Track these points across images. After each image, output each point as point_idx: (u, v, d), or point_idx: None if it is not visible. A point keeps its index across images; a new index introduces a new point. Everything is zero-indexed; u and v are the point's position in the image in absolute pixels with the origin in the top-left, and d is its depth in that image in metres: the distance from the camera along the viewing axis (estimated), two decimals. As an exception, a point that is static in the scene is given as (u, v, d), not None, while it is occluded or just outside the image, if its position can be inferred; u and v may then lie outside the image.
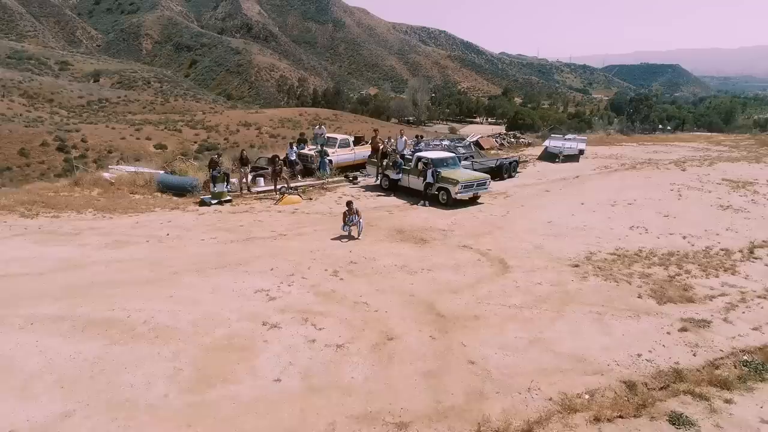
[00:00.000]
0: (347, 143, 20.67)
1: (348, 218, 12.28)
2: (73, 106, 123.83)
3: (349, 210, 12.29)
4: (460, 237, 12.73)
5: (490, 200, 16.88)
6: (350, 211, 12.27)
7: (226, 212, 14.29)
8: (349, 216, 12.28)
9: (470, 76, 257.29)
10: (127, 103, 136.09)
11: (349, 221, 12.29)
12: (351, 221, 12.29)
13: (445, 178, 15.85)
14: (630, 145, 34.86)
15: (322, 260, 10.74)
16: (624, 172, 23.47)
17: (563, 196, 17.89)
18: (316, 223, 13.61)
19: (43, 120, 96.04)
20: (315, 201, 16.00)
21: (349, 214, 12.29)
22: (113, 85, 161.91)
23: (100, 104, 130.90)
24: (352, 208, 12.29)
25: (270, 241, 11.97)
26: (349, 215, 12.28)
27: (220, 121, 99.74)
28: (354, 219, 12.29)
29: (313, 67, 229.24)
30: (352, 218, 12.28)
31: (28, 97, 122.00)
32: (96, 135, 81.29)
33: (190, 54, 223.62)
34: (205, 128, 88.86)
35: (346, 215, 12.30)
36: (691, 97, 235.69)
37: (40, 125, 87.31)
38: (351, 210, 12.27)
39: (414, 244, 12.04)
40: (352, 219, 12.28)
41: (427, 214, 14.94)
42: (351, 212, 12.28)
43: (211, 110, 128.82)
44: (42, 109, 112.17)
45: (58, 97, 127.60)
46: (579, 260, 11.31)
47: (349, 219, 12.28)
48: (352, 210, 12.28)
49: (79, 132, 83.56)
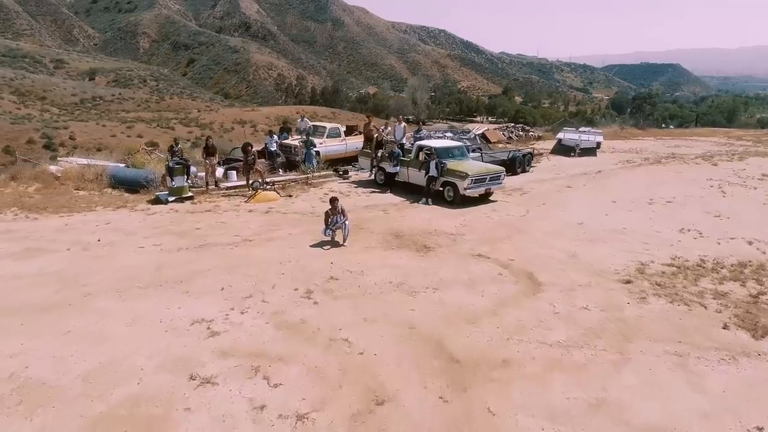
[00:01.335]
0: (337, 133, 18.06)
1: (331, 219, 9.70)
2: (66, 104, 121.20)
3: (332, 209, 9.70)
4: (472, 243, 10.12)
5: (504, 197, 14.28)
6: (334, 210, 9.69)
7: (184, 212, 11.67)
8: (333, 216, 9.70)
9: (470, 76, 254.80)
10: (122, 101, 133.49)
11: (332, 223, 9.70)
12: (334, 223, 9.70)
13: (451, 171, 13.24)
14: (647, 140, 32.36)
15: (294, 275, 8.13)
16: (649, 166, 20.93)
17: (589, 193, 15.30)
18: (292, 225, 10.99)
19: (32, 117, 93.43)
20: (295, 198, 13.37)
21: (332, 213, 9.71)
22: (109, 83, 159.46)
23: (93, 102, 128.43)
24: (336, 206, 9.70)
25: (230, 248, 9.34)
26: (333, 215, 9.70)
27: (215, 118, 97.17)
28: (338, 220, 9.71)
29: (311, 65, 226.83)
30: (336, 219, 9.70)
31: (20, 94, 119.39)
32: (85, 132, 78.75)
33: (187, 53, 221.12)
34: (198, 126, 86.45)
35: (329, 215, 9.72)
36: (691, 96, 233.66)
37: (27, 122, 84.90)
38: (335, 209, 9.70)
39: (415, 253, 9.42)
40: (336, 220, 9.70)
41: (430, 214, 12.33)
42: (335, 211, 9.70)
43: (207, 108, 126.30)
44: (33, 106, 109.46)
45: (51, 95, 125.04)
46: (629, 274, 8.70)
47: (333, 220, 9.69)
48: (337, 209, 9.70)
49: (67, 129, 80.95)
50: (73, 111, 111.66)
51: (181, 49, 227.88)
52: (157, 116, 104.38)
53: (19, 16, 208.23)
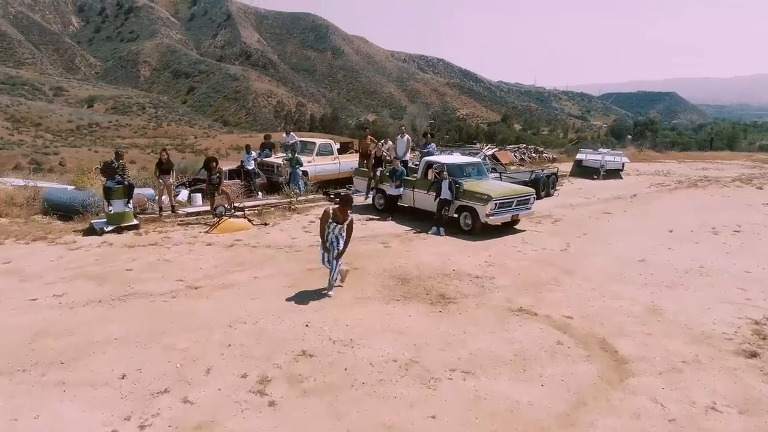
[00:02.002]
0: (329, 150, 15.37)
1: (328, 231, 6.77)
2: (61, 131, 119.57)
3: (339, 211, 6.74)
4: (507, 290, 7.29)
5: (532, 225, 11.50)
6: (341, 214, 6.71)
7: (120, 246, 8.85)
8: (333, 225, 6.75)
9: (469, 103, 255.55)
10: (118, 127, 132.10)
11: (328, 241, 6.79)
12: (332, 243, 6.78)
13: (469, 192, 10.49)
14: (669, 162, 29.85)
15: (246, 348, 5.27)
16: (687, 190, 18.24)
17: (634, 220, 12.53)
18: (261, 263, 8.17)
19: (23, 143, 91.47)
20: (271, 227, 10.56)
21: (333, 219, 6.75)
22: (107, 110, 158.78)
23: (89, 129, 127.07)
24: (345, 211, 6.71)
25: (162, 301, 6.49)
26: (334, 220, 6.74)
27: (211, 144, 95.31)
28: (338, 238, 6.78)
29: (311, 93, 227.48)
30: (335, 235, 6.76)
31: (14, 120, 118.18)
32: (76, 158, 76.55)
33: (188, 81, 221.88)
34: (194, 152, 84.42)
35: (329, 220, 6.74)
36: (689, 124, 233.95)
37: (17, 148, 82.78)
38: (343, 213, 6.71)
39: (429, 307, 6.57)
40: (335, 238, 6.76)
41: (444, 247, 9.53)
42: (342, 216, 6.72)
43: (204, 135, 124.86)
44: (26, 132, 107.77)
45: (46, 121, 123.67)
46: (746, 339, 5.86)
47: (329, 238, 6.79)
48: (345, 215, 6.71)
49: (58, 155, 78.84)
50: (67, 137, 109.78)
51: (181, 77, 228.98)
52: (152, 142, 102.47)
53: (21, 45, 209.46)
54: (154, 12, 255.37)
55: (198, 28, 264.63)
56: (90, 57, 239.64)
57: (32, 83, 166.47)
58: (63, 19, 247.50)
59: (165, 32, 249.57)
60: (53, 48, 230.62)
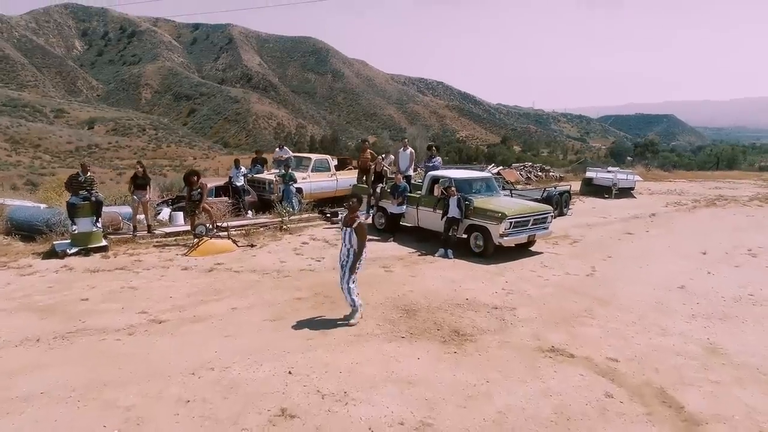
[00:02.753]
0: (326, 166, 14.32)
1: (345, 235, 5.78)
2: (60, 152, 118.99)
3: (350, 210, 5.88)
4: (532, 323, 6.12)
5: (549, 247, 10.37)
6: (351, 213, 5.83)
7: (82, 270, 7.70)
8: (345, 230, 5.77)
9: (468, 125, 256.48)
10: (118, 149, 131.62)
11: (341, 253, 5.81)
12: (342, 256, 5.80)
13: (481, 210, 9.38)
14: (679, 181, 28.85)
15: (207, 406, 4.09)
16: (707, 209, 17.15)
17: (660, 241, 11.39)
18: (242, 291, 7.00)
19: (20, 164, 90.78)
20: (259, 249, 9.42)
21: (343, 223, 5.84)
22: (107, 132, 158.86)
23: (89, 150, 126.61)
24: (355, 210, 5.88)
25: (116, 339, 5.33)
26: (343, 225, 5.81)
27: (209, 165, 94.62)
28: (349, 240, 5.75)
29: (311, 116, 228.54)
30: (349, 240, 5.74)
31: (13, 142, 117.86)
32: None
33: (189, 103, 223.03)
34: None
35: (347, 222, 5.80)
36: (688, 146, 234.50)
37: (13, 169, 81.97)
38: (352, 213, 5.83)
39: (441, 346, 5.40)
40: (349, 240, 5.74)
41: (453, 272, 8.38)
42: (351, 217, 5.79)
43: (204, 156, 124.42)
44: (24, 154, 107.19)
45: (45, 143, 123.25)
46: (843, 391, 4.67)
47: (343, 247, 5.78)
48: (354, 214, 5.80)
49: (54, 176, 78.02)
50: (66, 158, 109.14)
51: (182, 99, 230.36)
52: (151, 163, 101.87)
53: (24, 68, 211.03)
54: (156, 36, 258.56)
55: (200, 52, 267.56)
56: (92, 80, 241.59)
57: (33, 105, 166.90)
58: (66, 42, 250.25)
59: (167, 55, 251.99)
60: (56, 71, 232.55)
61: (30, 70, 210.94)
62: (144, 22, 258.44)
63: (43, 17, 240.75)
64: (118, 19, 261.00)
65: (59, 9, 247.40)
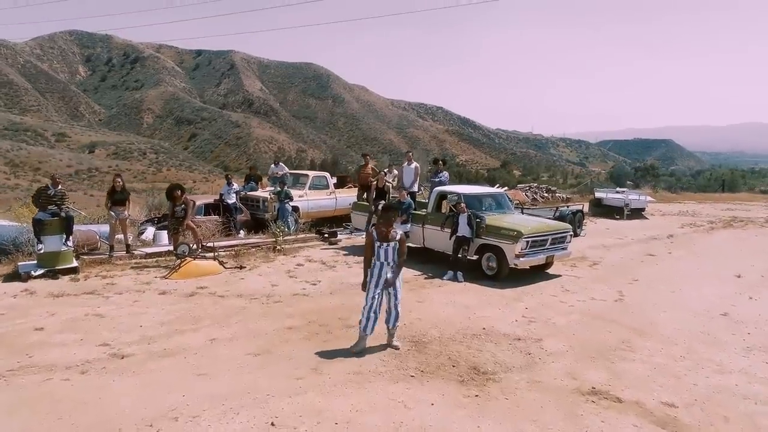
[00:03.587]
0: (324, 183, 13.52)
1: (376, 262, 5.01)
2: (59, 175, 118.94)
3: (384, 223, 5.06)
4: (564, 358, 5.19)
5: (567, 269, 9.47)
6: (386, 226, 5.04)
7: (45, 295, 6.79)
8: (382, 246, 4.96)
9: (468, 150, 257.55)
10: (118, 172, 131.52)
11: (381, 271, 5.01)
12: (382, 273, 5.00)
13: (494, 228, 8.51)
14: (689, 203, 28.07)
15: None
16: (725, 230, 16.29)
17: (686, 264, 10.49)
18: (225, 320, 6.08)
19: (18, 187, 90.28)
20: (248, 272, 8.51)
21: (378, 238, 4.98)
22: (108, 155, 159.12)
23: (89, 173, 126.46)
24: (392, 222, 5.08)
25: (64, 380, 4.40)
26: (379, 240, 4.97)
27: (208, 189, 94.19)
28: (387, 255, 4.98)
29: (312, 140, 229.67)
30: (385, 252, 4.97)
31: (13, 165, 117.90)
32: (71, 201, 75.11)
33: (190, 127, 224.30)
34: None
35: (375, 241, 5.00)
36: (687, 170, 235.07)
37: (11, 191, 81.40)
38: (390, 223, 5.03)
39: (459, 387, 4.46)
40: (384, 255, 4.98)
41: (465, 297, 7.46)
42: (386, 230, 5.00)
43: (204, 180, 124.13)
44: (24, 177, 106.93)
45: (45, 166, 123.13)
46: None
47: (384, 265, 5.00)
48: (390, 225, 5.03)
49: (51, 199, 77.35)
50: (65, 182, 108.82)
51: (184, 124, 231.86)
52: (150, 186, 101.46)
53: (27, 93, 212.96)
54: (159, 62, 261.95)
55: (202, 77, 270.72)
56: (95, 104, 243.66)
57: (35, 129, 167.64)
58: (70, 68, 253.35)
59: (169, 81, 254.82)
60: (59, 96, 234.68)
61: (33, 94, 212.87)
62: (147, 48, 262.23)
63: (48, 43, 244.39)
64: (122, 45, 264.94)
65: (64, 35, 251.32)
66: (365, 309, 5.01)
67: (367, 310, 5.00)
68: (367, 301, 5.01)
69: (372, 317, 5.01)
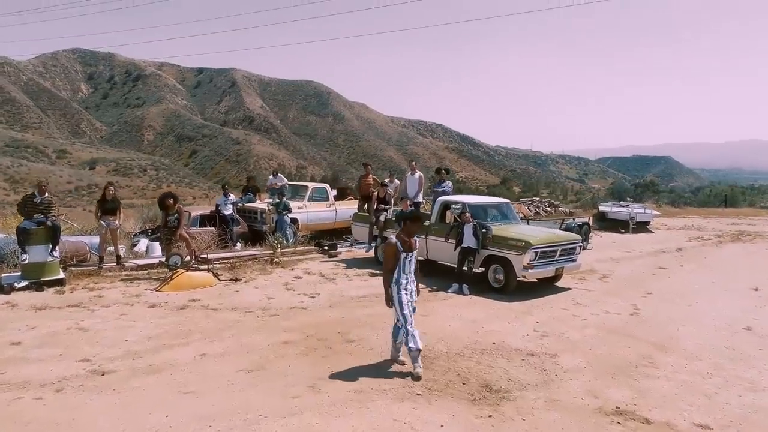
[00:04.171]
0: (324, 195, 13.22)
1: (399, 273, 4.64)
2: (59, 192, 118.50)
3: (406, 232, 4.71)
4: (583, 375, 4.80)
5: (576, 282, 9.10)
6: (408, 235, 4.68)
7: (27, 308, 6.41)
8: (406, 256, 4.65)
9: (468, 167, 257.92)
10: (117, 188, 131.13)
11: (405, 281, 4.66)
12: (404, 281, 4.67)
13: (501, 238, 8.17)
14: (693, 217, 27.74)
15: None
16: (734, 244, 15.96)
17: (700, 277, 10.13)
18: (217, 333, 5.70)
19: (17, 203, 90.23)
20: (244, 284, 8.14)
21: (403, 248, 4.64)
22: (108, 172, 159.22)
23: (88, 189, 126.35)
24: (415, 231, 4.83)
25: (36, 399, 4.01)
26: (404, 251, 4.63)
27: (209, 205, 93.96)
28: (413, 264, 4.73)
29: (312, 157, 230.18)
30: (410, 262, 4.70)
31: (13, 182, 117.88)
32: (68, 217, 74.87)
33: (191, 144, 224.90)
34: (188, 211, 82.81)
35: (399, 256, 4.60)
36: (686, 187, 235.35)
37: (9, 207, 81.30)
38: (412, 232, 4.70)
39: (471, 407, 4.07)
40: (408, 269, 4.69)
41: (472, 310, 7.08)
42: (408, 238, 4.66)
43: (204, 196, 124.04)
44: (23, 192, 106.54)
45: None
46: None
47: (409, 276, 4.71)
48: (412, 236, 4.72)
49: (50, 215, 77.13)
50: (64, 198, 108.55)
51: (184, 140, 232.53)
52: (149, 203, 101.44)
53: (29, 110, 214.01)
54: (161, 79, 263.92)
55: (203, 95, 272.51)
56: (96, 122, 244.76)
57: (36, 146, 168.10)
58: (73, 85, 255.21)
59: (171, 98, 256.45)
60: (60, 113, 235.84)
61: (35, 112, 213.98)
62: (149, 66, 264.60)
63: (50, 61, 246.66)
64: (124, 63, 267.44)
65: (67, 54, 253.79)
66: (404, 326, 4.60)
67: (406, 326, 4.60)
68: (404, 317, 4.61)
69: (416, 332, 4.63)
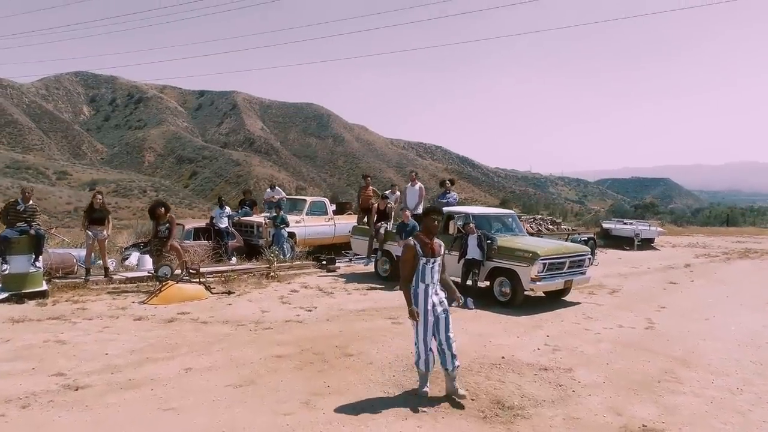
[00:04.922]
0: (323, 209, 12.89)
1: (418, 281, 4.01)
2: (58, 212, 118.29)
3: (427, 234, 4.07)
4: (602, 390, 4.40)
5: (586, 297, 8.71)
6: (428, 236, 4.04)
7: (2, 321, 6.02)
8: (428, 261, 4.01)
9: (468, 188, 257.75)
10: (116, 209, 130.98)
11: (428, 292, 4.03)
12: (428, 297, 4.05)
13: (507, 250, 7.81)
14: (697, 236, 27.42)
15: None
16: (742, 260, 15.60)
17: (712, 292, 9.75)
18: (205, 347, 5.30)
19: None
20: (237, 297, 7.75)
21: (422, 252, 3.99)
22: (108, 193, 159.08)
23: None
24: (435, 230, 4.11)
25: (0, 416, 3.61)
26: (424, 256, 3.98)
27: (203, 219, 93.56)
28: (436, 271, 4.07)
29: (312, 178, 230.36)
30: (431, 267, 4.03)
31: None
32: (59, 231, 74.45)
33: (191, 165, 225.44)
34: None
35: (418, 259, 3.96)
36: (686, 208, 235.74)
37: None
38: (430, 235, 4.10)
39: (480, 425, 3.66)
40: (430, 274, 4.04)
41: (478, 324, 6.68)
42: (429, 241, 4.06)
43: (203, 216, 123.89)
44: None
45: (45, 203, 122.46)
46: None
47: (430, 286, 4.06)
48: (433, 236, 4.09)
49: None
50: (63, 218, 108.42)
51: (185, 162, 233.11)
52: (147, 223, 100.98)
53: (31, 132, 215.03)
54: (162, 102, 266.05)
55: (204, 117, 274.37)
56: (97, 143, 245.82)
57: (37, 167, 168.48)
58: (74, 108, 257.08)
59: (172, 120, 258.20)
60: (62, 135, 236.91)
61: (37, 134, 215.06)
62: (151, 89, 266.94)
63: (53, 84, 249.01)
64: (126, 86, 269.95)
65: (70, 76, 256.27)
66: (418, 342, 4.08)
67: (420, 343, 4.07)
68: (415, 334, 4.09)
69: (430, 351, 4.08)
